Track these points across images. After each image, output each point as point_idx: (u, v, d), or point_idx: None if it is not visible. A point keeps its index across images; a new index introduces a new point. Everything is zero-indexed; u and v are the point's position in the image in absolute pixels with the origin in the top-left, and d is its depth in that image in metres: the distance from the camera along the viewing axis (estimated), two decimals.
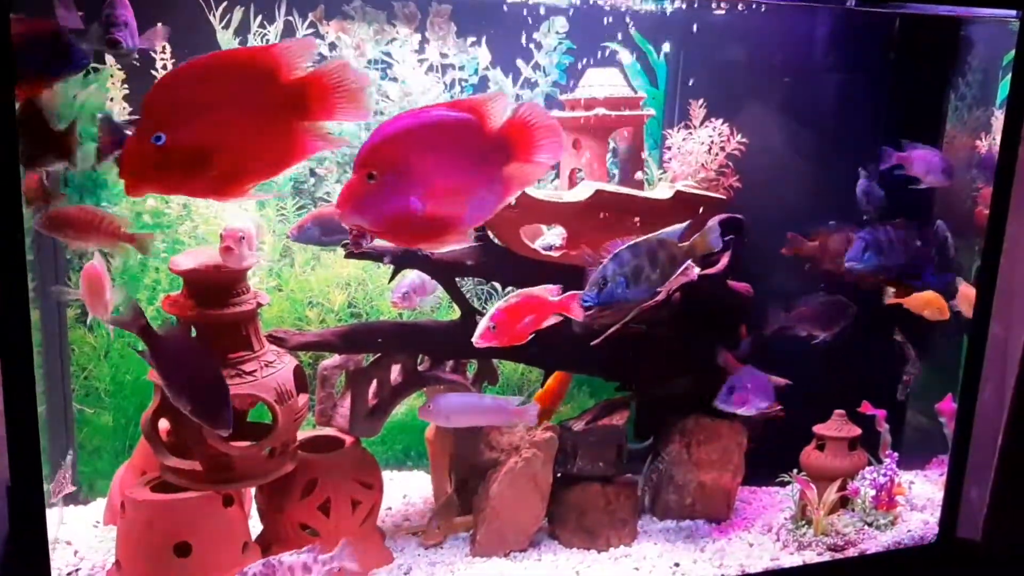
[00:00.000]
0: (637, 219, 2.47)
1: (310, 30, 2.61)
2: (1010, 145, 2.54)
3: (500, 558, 2.50)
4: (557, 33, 2.73)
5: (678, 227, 2.21)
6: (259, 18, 2.57)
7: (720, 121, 2.69)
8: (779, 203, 2.76)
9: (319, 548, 2.03)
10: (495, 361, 2.69)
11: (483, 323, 2.14)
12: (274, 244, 2.71)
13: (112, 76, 2.50)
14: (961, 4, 2.60)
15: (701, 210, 2.54)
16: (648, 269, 2.18)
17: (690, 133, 2.70)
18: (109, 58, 2.40)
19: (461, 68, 2.73)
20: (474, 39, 2.71)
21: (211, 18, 2.50)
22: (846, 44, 2.78)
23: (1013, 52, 2.60)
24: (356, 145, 2.45)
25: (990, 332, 2.68)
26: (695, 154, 2.68)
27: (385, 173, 1.73)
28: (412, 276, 2.52)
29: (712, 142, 2.67)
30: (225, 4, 2.50)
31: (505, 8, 2.65)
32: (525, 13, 2.71)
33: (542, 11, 2.71)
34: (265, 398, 2.18)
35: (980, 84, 2.91)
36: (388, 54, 2.69)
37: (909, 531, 2.77)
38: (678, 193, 2.48)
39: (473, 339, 2.14)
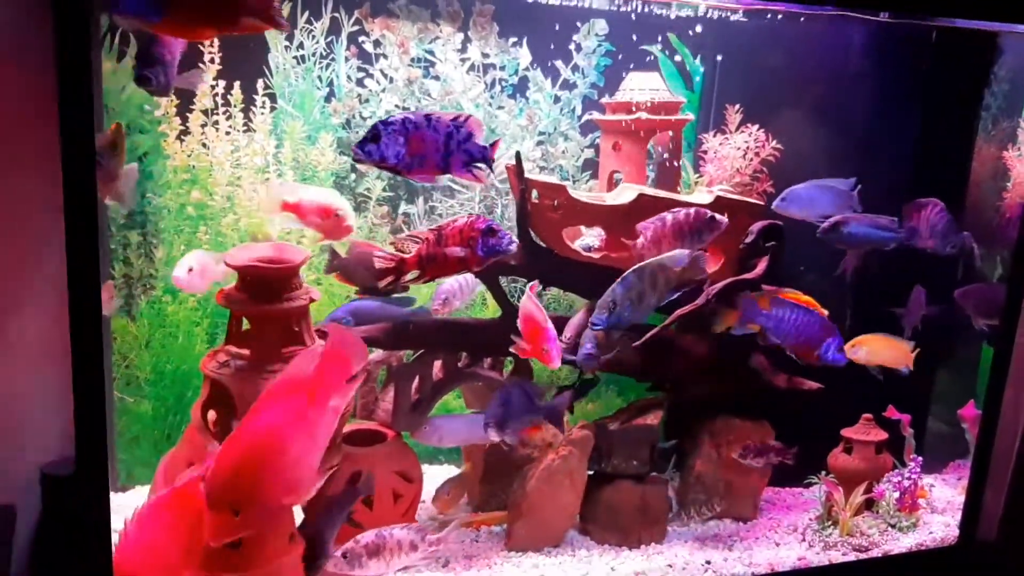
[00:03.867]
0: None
1: (356, 27, 2.64)
2: None
3: (535, 553, 2.55)
4: (596, 35, 2.76)
5: (682, 253, 2.28)
6: (306, 14, 2.59)
7: (756, 127, 2.73)
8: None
9: (427, 528, 2.10)
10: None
11: None
12: (312, 236, 2.73)
13: None
14: (995, 19, 2.63)
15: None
16: (649, 293, 2.25)
17: (726, 138, 2.73)
18: None
19: (502, 68, 2.76)
20: (515, 39, 2.73)
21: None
22: (880, 54, 2.82)
23: None
24: None
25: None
26: (730, 159, 2.72)
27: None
28: (450, 281, 2.53)
29: (747, 147, 2.71)
30: None
31: (546, 9, 2.68)
32: (566, 15, 2.74)
33: (582, 14, 2.74)
34: None
35: (1006, 95, 2.97)
36: (431, 52, 2.71)
37: (931, 533, 2.83)
38: (718, 198, 2.52)
39: None
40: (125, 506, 2.59)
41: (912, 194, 2.73)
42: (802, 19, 2.72)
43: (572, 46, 2.77)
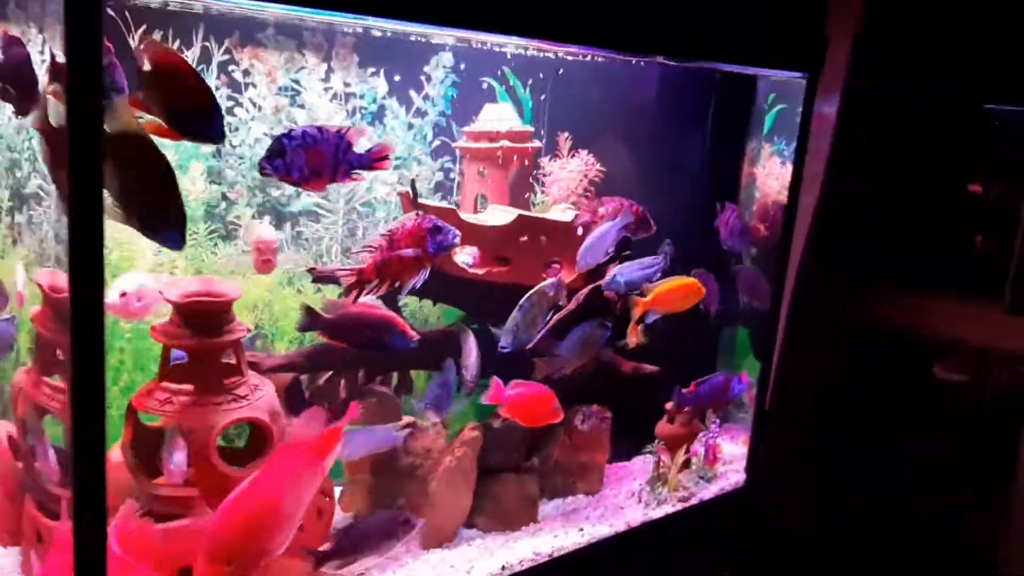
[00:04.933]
0: (544, 239, 2.85)
1: (226, 55, 2.62)
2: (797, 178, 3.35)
3: (440, 549, 2.74)
4: (444, 67, 3.00)
5: (554, 282, 2.73)
6: (176, 43, 2.52)
7: (586, 152, 3.15)
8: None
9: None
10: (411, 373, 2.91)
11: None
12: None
13: None
14: (755, 64, 3.32)
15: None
16: (540, 316, 2.66)
17: (565, 162, 3.12)
18: None
19: (362, 97, 2.89)
20: (374, 70, 2.88)
21: (130, 40, 2.41)
22: (676, 90, 3.41)
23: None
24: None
25: None
26: (567, 180, 3.11)
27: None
28: None
29: (581, 171, 3.12)
30: (144, 27, 2.43)
31: (401, 42, 2.87)
32: (417, 49, 2.94)
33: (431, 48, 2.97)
34: (263, 419, 2.22)
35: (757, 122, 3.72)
36: (297, 81, 2.77)
37: (728, 480, 3.49)
38: (576, 216, 2.90)
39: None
40: None
41: (701, 203, 3.34)
42: (613, 60, 3.19)
43: (423, 77, 2.98)
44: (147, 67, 1.88)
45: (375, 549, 2.26)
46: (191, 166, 2.61)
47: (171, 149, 2.57)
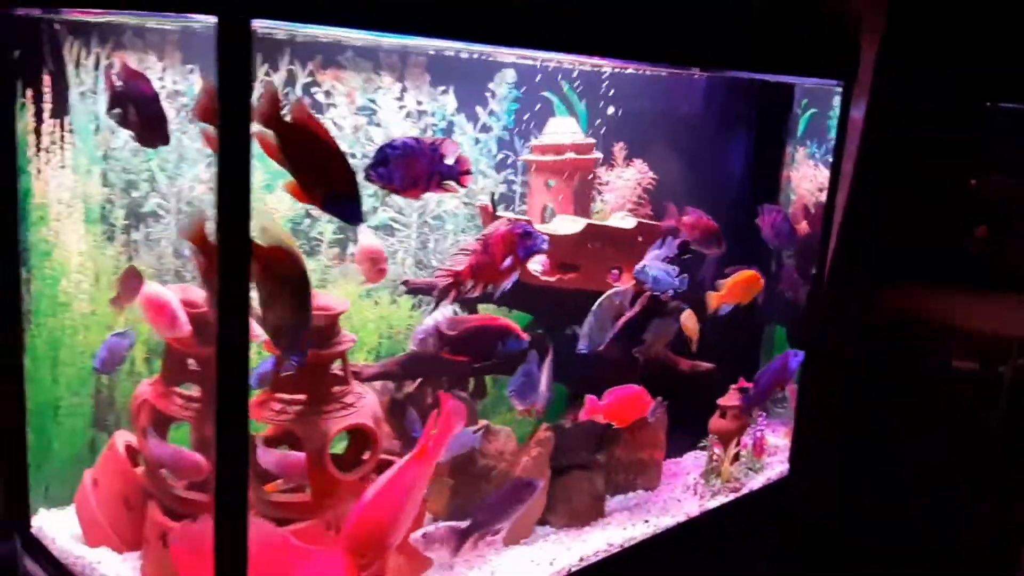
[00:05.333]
0: (609, 246, 2.99)
1: (309, 78, 2.73)
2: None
3: (519, 546, 2.88)
4: (507, 83, 3.12)
5: (621, 290, 2.87)
6: (264, 68, 2.63)
7: (640, 161, 3.29)
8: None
9: None
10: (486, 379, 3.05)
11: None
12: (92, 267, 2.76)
13: None
14: (795, 74, 3.47)
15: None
16: (609, 321, 2.83)
17: (623, 172, 3.26)
18: None
19: (432, 114, 3.01)
20: (443, 88, 3.00)
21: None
22: (719, 100, 3.55)
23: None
24: None
25: None
26: (623, 189, 3.25)
27: None
28: (428, 321, 2.76)
29: (636, 180, 3.26)
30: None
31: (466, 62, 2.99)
32: (482, 67, 3.07)
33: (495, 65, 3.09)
34: (369, 424, 2.36)
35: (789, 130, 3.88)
36: (374, 101, 2.88)
37: (775, 470, 3.65)
38: (639, 223, 3.04)
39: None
40: None
41: (744, 205, 3.50)
42: (661, 73, 3.33)
43: (488, 93, 3.10)
44: (288, 125, 1.93)
45: (506, 515, 2.44)
46: (277, 184, 2.72)
47: (260, 168, 2.69)
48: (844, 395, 4.14)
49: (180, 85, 2.79)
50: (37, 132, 2.61)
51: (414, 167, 2.16)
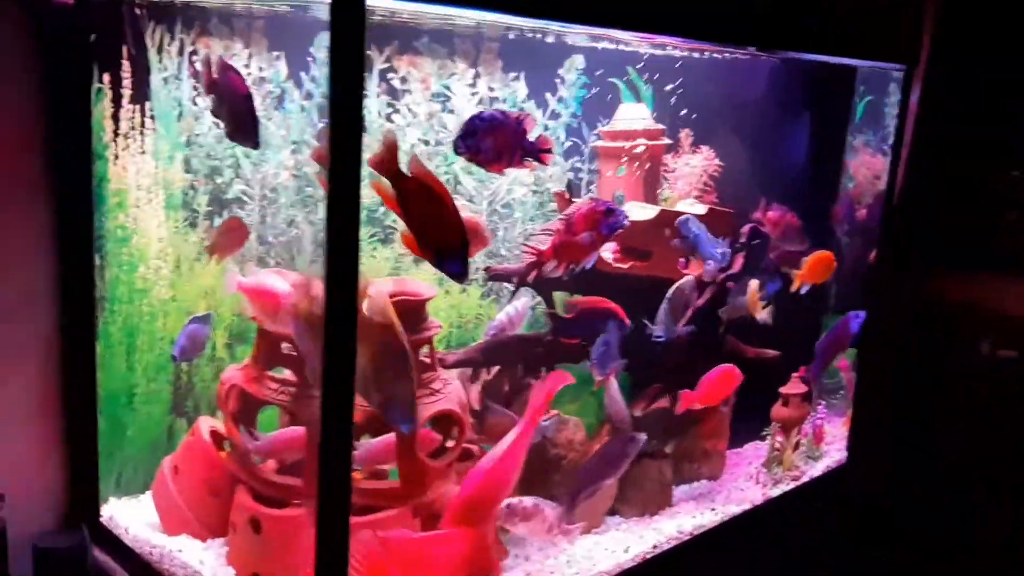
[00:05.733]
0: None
1: (386, 64, 2.72)
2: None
3: (591, 535, 2.89)
4: (576, 70, 3.10)
5: (691, 281, 2.92)
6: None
7: (707, 148, 3.27)
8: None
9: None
10: None
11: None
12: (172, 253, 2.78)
13: None
14: (862, 57, 3.43)
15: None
16: (681, 310, 2.86)
17: (690, 158, 3.25)
18: None
19: (504, 100, 2.99)
20: (515, 74, 2.98)
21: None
22: (781, 85, 3.52)
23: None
24: None
25: None
26: (691, 176, 3.24)
27: None
28: (501, 316, 2.78)
29: (703, 166, 3.25)
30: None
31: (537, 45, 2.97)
32: (550, 52, 3.05)
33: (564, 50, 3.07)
34: (456, 410, 2.39)
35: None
36: (448, 87, 2.87)
37: (833, 457, 3.65)
38: (710, 209, 3.03)
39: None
40: None
41: (808, 192, 3.48)
42: (725, 56, 3.30)
43: (557, 79, 3.08)
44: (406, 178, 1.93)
45: (614, 470, 2.57)
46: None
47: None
48: (897, 382, 4.15)
49: (266, 72, 2.80)
50: (115, 118, 2.61)
51: (500, 140, 2.15)
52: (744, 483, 3.39)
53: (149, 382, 2.79)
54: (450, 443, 2.50)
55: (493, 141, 2.13)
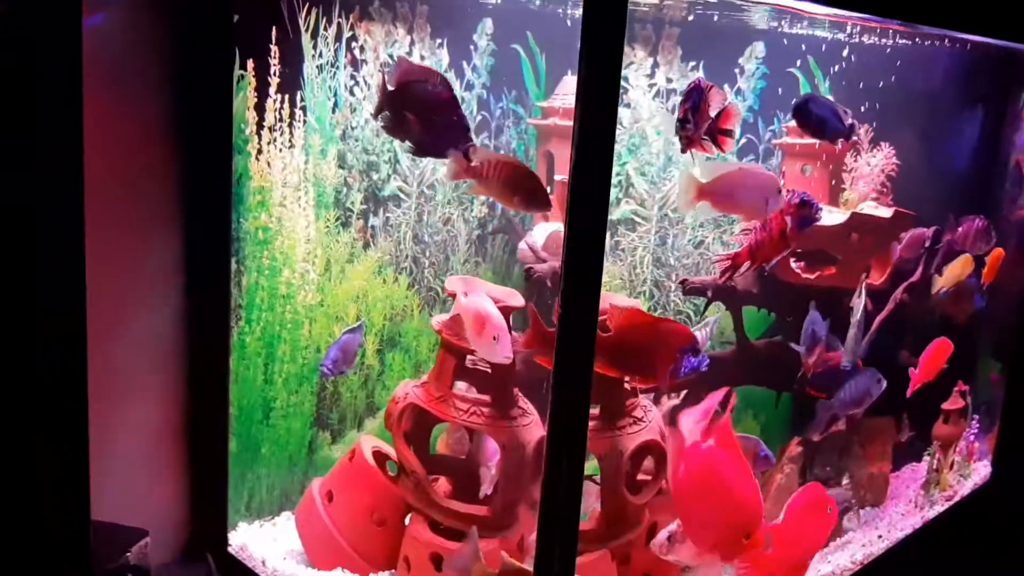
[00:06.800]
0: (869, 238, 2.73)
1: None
2: None
3: None
4: (757, 59, 2.81)
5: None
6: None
7: (887, 145, 2.98)
8: None
9: None
10: None
11: None
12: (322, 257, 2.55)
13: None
14: None
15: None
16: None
17: (871, 156, 2.96)
18: None
19: (679, 92, 2.71)
20: (694, 63, 2.69)
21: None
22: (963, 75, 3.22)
23: None
24: None
25: None
26: (868, 176, 2.96)
27: None
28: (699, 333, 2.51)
29: (881, 165, 2.97)
30: None
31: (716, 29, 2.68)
32: (729, 36, 2.75)
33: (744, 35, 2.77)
34: (657, 440, 2.17)
35: None
36: (625, 79, 2.58)
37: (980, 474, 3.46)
38: (896, 212, 2.78)
39: None
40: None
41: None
42: (908, 42, 2.99)
43: (736, 70, 2.79)
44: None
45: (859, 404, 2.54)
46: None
47: None
48: None
49: (428, 61, 2.54)
50: (259, 108, 2.33)
51: (705, 111, 1.95)
52: (904, 507, 3.18)
53: (290, 395, 2.56)
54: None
55: (704, 113, 1.94)
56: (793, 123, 2.78)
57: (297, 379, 2.57)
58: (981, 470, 3.50)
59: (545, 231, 2.65)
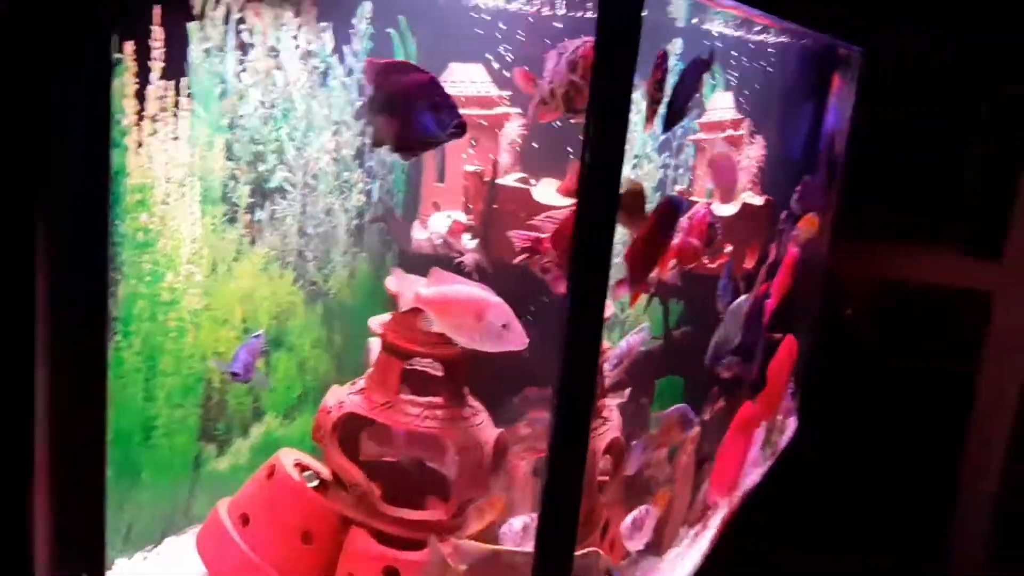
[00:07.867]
0: None
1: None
2: None
3: None
4: (675, 55, 2.73)
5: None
6: None
7: (760, 137, 3.08)
8: None
9: None
10: None
11: None
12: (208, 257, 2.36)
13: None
14: None
15: None
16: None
17: (750, 150, 3.06)
18: None
19: None
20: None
21: None
22: None
23: None
24: None
25: None
26: (748, 168, 3.07)
27: None
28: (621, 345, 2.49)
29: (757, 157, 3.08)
30: None
31: None
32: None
33: None
34: (622, 439, 2.23)
35: None
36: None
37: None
38: (766, 199, 2.97)
39: None
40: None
41: None
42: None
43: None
44: None
45: None
46: None
47: None
48: None
49: (313, 45, 2.40)
50: (139, 96, 2.06)
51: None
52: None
53: (173, 409, 2.32)
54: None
55: None
56: (704, 118, 2.81)
57: (182, 392, 2.32)
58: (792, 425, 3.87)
59: (444, 222, 2.53)
